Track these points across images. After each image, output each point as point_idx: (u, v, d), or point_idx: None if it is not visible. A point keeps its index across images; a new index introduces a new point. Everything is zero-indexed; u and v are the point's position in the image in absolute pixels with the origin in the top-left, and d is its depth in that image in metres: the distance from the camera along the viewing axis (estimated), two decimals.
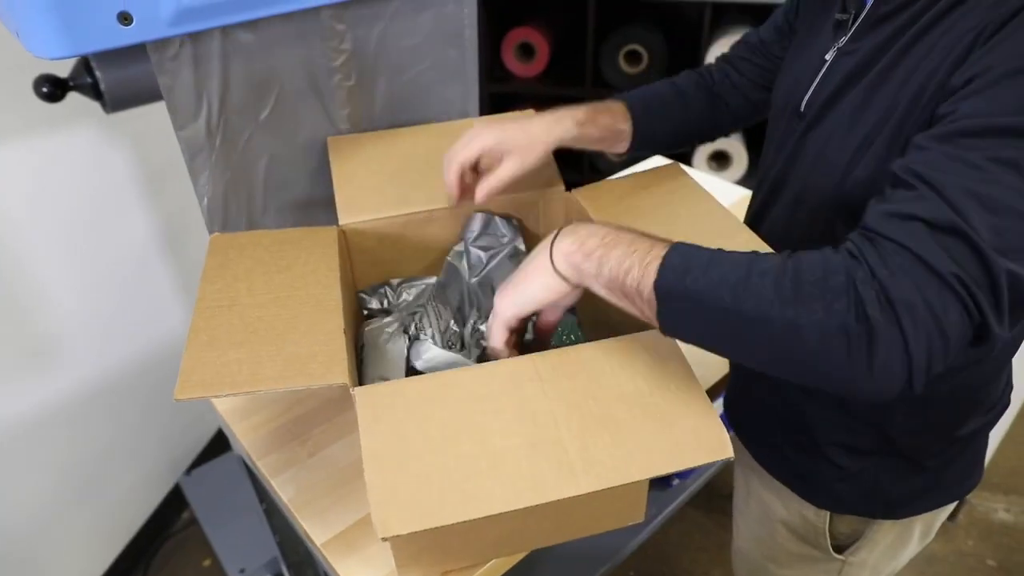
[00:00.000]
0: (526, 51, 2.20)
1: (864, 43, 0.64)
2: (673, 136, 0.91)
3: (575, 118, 0.80)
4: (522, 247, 0.91)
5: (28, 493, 1.31)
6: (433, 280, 0.92)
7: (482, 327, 0.79)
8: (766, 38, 0.88)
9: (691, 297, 0.52)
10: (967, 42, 0.53)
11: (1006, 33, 0.50)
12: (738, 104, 0.91)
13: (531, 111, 1.02)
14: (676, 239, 0.57)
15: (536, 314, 0.69)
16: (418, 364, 0.76)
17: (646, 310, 0.56)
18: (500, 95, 2.28)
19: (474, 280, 0.89)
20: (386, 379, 0.76)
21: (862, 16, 0.65)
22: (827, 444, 0.76)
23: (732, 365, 0.90)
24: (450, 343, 0.79)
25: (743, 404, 0.88)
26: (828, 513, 0.79)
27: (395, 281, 0.93)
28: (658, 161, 1.53)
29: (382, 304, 0.90)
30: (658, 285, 0.53)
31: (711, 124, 0.92)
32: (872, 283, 0.46)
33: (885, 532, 0.79)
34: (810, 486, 0.79)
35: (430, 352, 0.76)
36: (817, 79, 0.70)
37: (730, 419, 0.90)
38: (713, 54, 2.01)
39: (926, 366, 0.46)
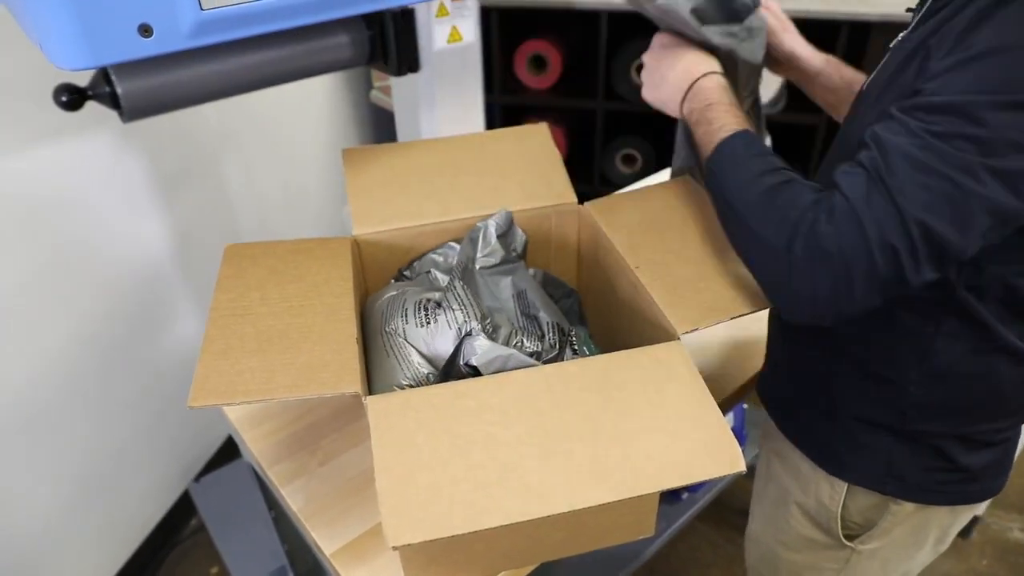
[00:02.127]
0: (539, 63, 2.21)
1: (916, 34, 0.66)
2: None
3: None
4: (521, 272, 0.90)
5: (38, 498, 1.32)
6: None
7: (525, 342, 0.78)
8: None
9: (716, 177, 0.72)
10: (958, 30, 0.59)
11: (977, 24, 0.57)
12: None
13: (543, 124, 1.03)
14: (689, 253, 0.60)
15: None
16: (474, 360, 0.73)
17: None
18: (512, 106, 2.29)
19: (480, 266, 0.86)
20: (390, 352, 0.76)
21: (923, 9, 0.68)
22: (846, 411, 0.77)
23: (768, 340, 0.91)
24: (492, 334, 0.76)
25: (773, 378, 0.90)
26: (842, 497, 0.80)
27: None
28: (668, 174, 1.53)
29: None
30: (707, 165, 0.74)
31: None
32: (813, 225, 0.60)
33: (899, 523, 0.79)
34: (825, 453, 0.81)
35: (484, 347, 0.74)
36: (878, 67, 0.72)
37: (761, 397, 0.92)
38: None
39: (831, 300, 0.61)
